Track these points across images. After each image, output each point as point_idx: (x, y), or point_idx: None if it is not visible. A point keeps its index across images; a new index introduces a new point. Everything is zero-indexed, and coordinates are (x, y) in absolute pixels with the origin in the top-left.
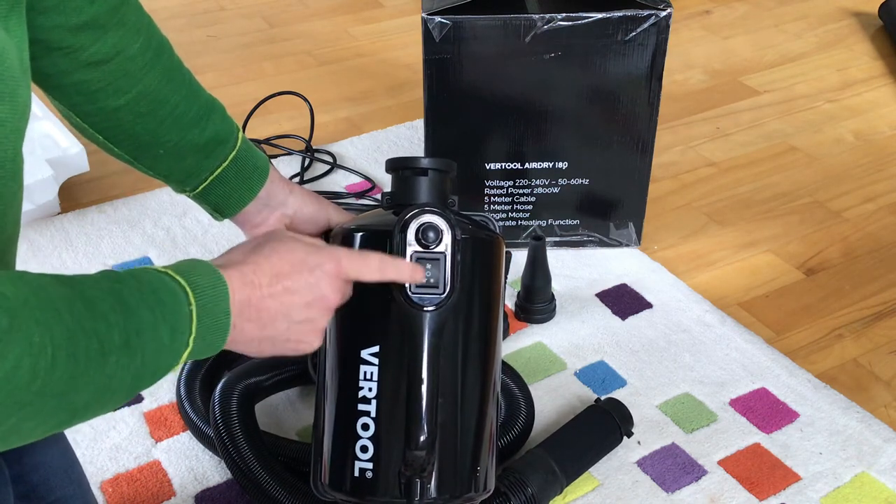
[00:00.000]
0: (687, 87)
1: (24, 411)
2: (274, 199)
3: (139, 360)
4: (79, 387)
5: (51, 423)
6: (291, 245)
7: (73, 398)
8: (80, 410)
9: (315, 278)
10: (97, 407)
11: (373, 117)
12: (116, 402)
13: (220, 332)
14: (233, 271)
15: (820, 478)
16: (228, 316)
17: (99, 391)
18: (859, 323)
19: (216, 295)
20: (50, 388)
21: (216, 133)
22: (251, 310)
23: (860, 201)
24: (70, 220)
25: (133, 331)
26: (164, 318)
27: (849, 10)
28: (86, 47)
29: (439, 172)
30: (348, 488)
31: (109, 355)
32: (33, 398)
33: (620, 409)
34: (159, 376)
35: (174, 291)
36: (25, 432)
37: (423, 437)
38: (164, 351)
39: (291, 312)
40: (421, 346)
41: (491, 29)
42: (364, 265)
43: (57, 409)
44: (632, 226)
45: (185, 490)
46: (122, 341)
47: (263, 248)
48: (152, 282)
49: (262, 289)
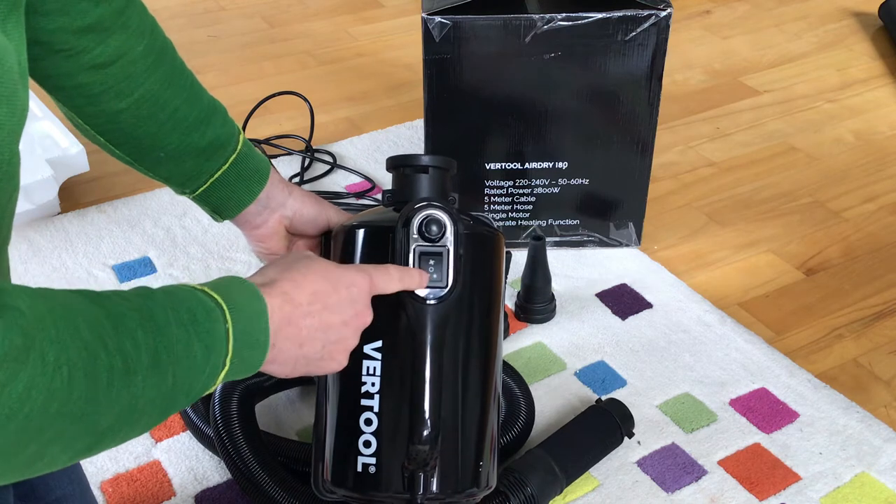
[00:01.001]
0: (687, 87)
1: (45, 436)
2: (274, 200)
3: (170, 379)
4: (101, 408)
5: (77, 448)
6: (325, 264)
7: (97, 420)
8: (106, 433)
9: (352, 296)
10: (127, 429)
11: (373, 117)
12: (147, 424)
13: (259, 351)
14: (272, 289)
15: (820, 478)
16: (267, 334)
17: (125, 412)
18: (859, 323)
19: (255, 313)
20: (68, 408)
21: (217, 136)
22: (290, 328)
23: (860, 201)
24: (70, 220)
25: (163, 349)
26: (199, 336)
27: (849, 10)
28: (89, 50)
29: (440, 170)
30: (351, 484)
31: (135, 375)
32: (52, 421)
33: (621, 409)
34: (193, 398)
35: (210, 309)
36: (50, 458)
37: (426, 432)
38: (198, 371)
39: (329, 331)
40: (424, 341)
41: (491, 29)
42: (389, 278)
43: (80, 433)
44: (632, 226)
45: (185, 490)
46: (149, 360)
47: (299, 266)
48: (187, 299)
49: (302, 307)
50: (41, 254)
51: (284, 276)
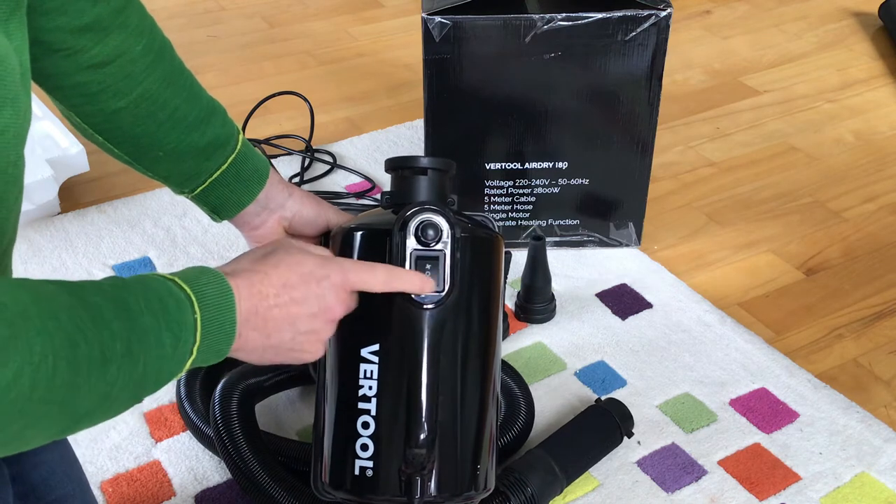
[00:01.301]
0: (687, 87)
1: (26, 419)
2: (273, 201)
3: (141, 367)
4: (80, 395)
5: (53, 430)
6: (300, 257)
7: (75, 405)
8: (82, 417)
9: (322, 290)
10: (100, 414)
11: (373, 117)
12: (119, 408)
13: (225, 340)
14: (241, 280)
15: (820, 478)
16: (234, 325)
17: (101, 398)
18: (859, 323)
19: (222, 304)
20: (51, 395)
21: (216, 136)
22: (257, 319)
23: (860, 201)
24: (70, 220)
25: (135, 338)
26: (168, 326)
27: (849, 10)
28: (87, 49)
29: (438, 172)
30: (349, 487)
31: (111, 363)
32: (35, 406)
33: (621, 409)
34: (162, 384)
35: (179, 300)
36: (28, 439)
37: (423, 435)
38: (167, 359)
39: (297, 323)
40: (421, 344)
41: (491, 29)
42: (371, 276)
43: (59, 417)
44: (632, 226)
45: (185, 490)
46: (123, 349)
47: (272, 258)
48: (158, 289)
49: (269, 299)
50: (41, 254)
51: (255, 268)
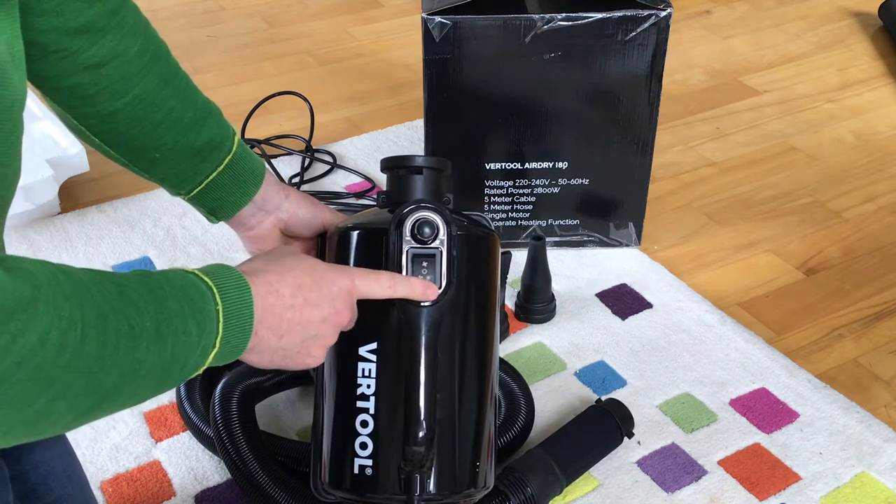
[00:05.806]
0: (687, 87)
1: (54, 389)
2: (269, 203)
3: (169, 350)
4: (108, 367)
5: (81, 407)
6: (311, 261)
7: (102, 379)
8: (109, 394)
9: (333, 294)
10: (126, 393)
11: (373, 117)
12: (144, 393)
13: (243, 336)
14: (257, 278)
15: (820, 478)
16: (252, 320)
17: (128, 375)
18: (859, 323)
19: (241, 299)
20: (78, 364)
21: (212, 137)
22: (273, 318)
23: (860, 201)
24: (70, 220)
25: (163, 320)
26: (192, 314)
27: (849, 10)
28: (83, 50)
29: (434, 171)
30: (348, 485)
31: (140, 339)
32: (62, 374)
33: (621, 409)
34: (186, 375)
35: (201, 291)
36: (56, 417)
37: (422, 433)
38: (193, 347)
39: (309, 326)
40: (418, 342)
41: (491, 29)
42: (376, 283)
43: (86, 390)
44: (632, 226)
45: (185, 490)
46: (153, 327)
47: (285, 261)
48: (180, 279)
49: (285, 299)
50: (41, 254)
51: (270, 268)
